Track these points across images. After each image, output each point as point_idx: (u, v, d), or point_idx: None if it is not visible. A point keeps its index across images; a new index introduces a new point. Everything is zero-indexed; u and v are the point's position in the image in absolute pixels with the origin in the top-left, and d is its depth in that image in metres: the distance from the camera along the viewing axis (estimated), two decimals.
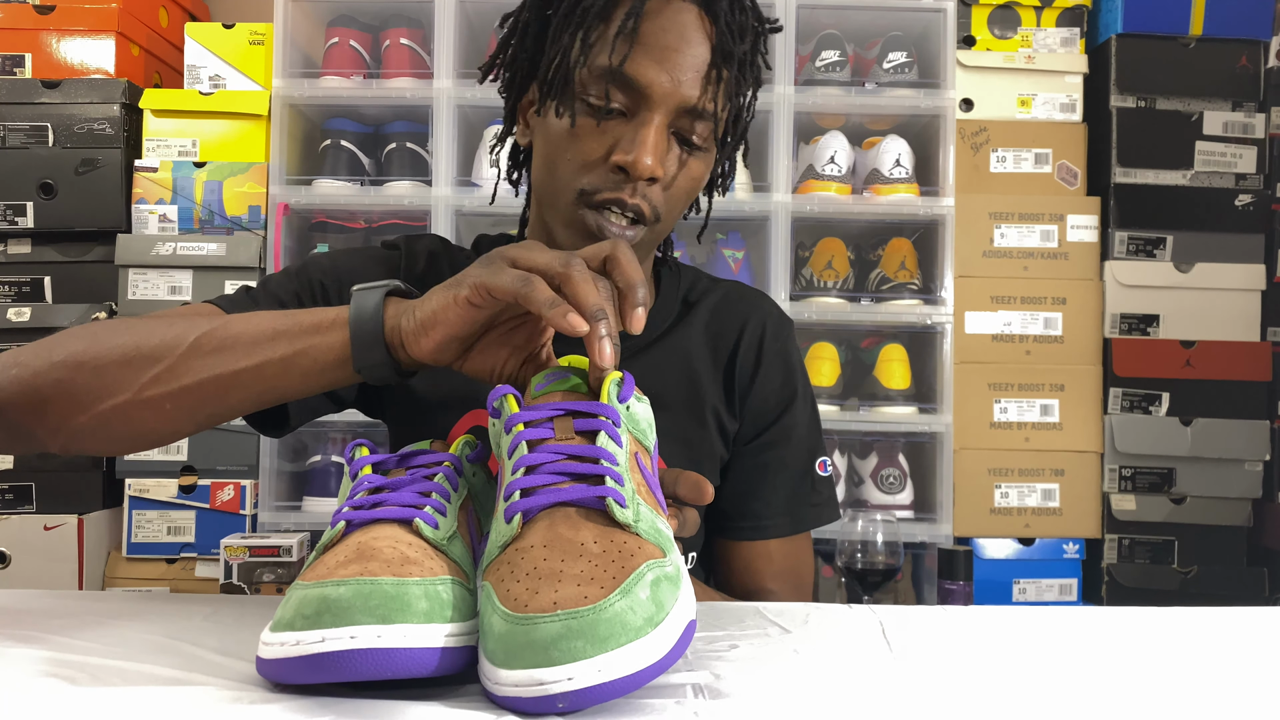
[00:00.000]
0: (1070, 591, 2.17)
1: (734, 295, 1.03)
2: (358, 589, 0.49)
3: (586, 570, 0.50)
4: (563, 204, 0.86)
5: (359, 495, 0.60)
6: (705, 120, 0.85)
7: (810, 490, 1.01)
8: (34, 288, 2.13)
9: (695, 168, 0.87)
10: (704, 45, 0.83)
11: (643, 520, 0.54)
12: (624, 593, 0.48)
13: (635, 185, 0.83)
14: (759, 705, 0.51)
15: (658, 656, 0.48)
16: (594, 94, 0.83)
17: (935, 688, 0.55)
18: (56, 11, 2.16)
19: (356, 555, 0.53)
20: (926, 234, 2.19)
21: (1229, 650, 0.66)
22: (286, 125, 2.11)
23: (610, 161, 0.83)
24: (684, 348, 0.98)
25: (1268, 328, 2.20)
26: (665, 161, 0.84)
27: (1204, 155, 2.19)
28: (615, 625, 0.47)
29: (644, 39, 0.81)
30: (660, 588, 0.50)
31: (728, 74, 0.84)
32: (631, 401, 0.61)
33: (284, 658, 0.49)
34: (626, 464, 0.57)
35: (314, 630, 0.48)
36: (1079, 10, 2.24)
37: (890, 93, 2.13)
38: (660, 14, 0.82)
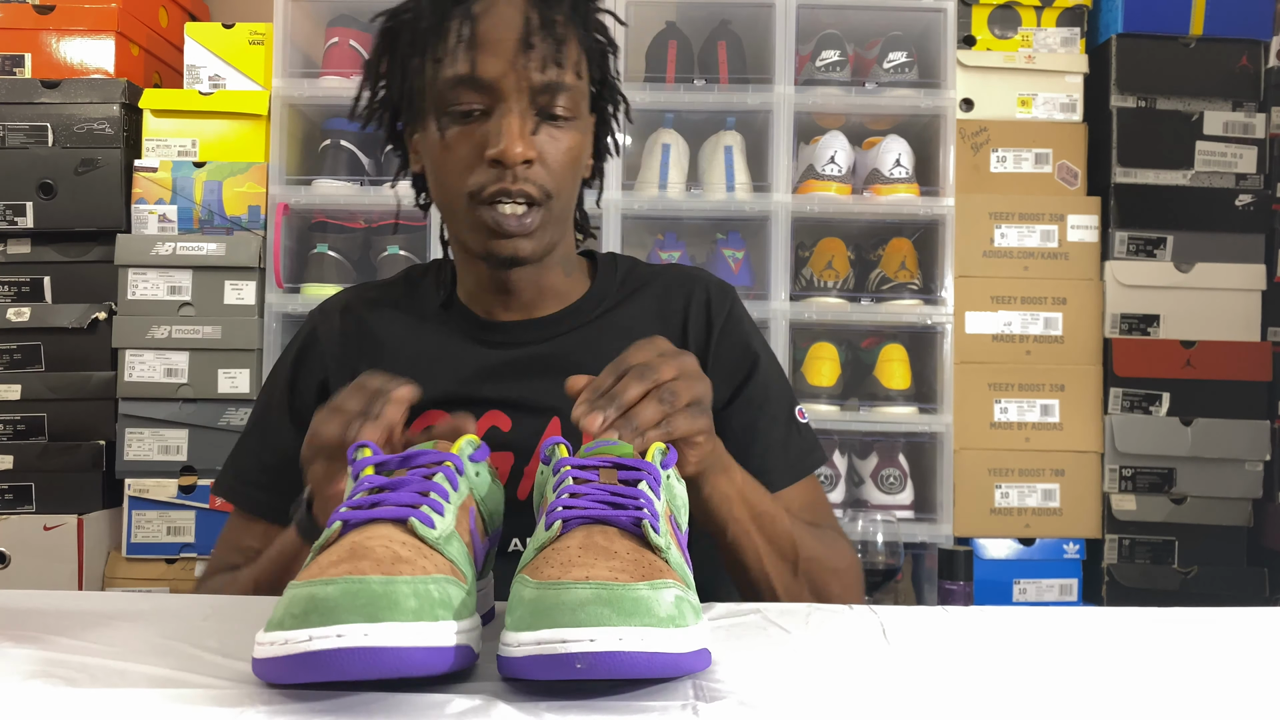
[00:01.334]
0: (1070, 591, 2.17)
1: (675, 275, 1.08)
2: (345, 588, 0.49)
3: (618, 565, 0.53)
4: (459, 210, 0.92)
5: (358, 495, 0.60)
6: (558, 92, 0.90)
7: (797, 437, 1.04)
8: (34, 288, 2.13)
9: (567, 138, 0.92)
10: (536, 24, 0.90)
11: (673, 552, 0.58)
12: (652, 587, 0.51)
13: (514, 172, 0.89)
14: (759, 705, 0.51)
15: (677, 649, 0.50)
16: (455, 103, 0.90)
17: (935, 688, 0.55)
18: (56, 11, 2.16)
19: (349, 554, 0.53)
20: (926, 234, 2.19)
21: (1229, 650, 0.66)
22: (286, 125, 2.11)
23: (485, 158, 0.89)
24: (626, 325, 1.02)
25: (1268, 328, 2.20)
26: (535, 142, 0.90)
27: (1204, 155, 2.19)
28: (641, 606, 0.50)
29: (479, 40, 0.89)
30: (683, 605, 0.53)
31: (564, 46, 0.90)
32: (672, 473, 0.66)
33: (275, 657, 0.49)
34: (663, 513, 0.61)
35: (302, 629, 0.48)
36: (1079, 10, 2.24)
37: (890, 93, 2.12)
38: (487, 14, 0.90)
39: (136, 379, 2.07)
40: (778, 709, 0.50)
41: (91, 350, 2.09)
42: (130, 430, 2.07)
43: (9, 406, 2.08)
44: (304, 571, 0.53)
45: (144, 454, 2.07)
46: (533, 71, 0.88)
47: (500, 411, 0.96)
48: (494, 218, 0.90)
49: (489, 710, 0.48)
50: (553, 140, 0.91)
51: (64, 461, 2.06)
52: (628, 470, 0.63)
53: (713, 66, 2.15)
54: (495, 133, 0.88)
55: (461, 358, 0.99)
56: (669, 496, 0.65)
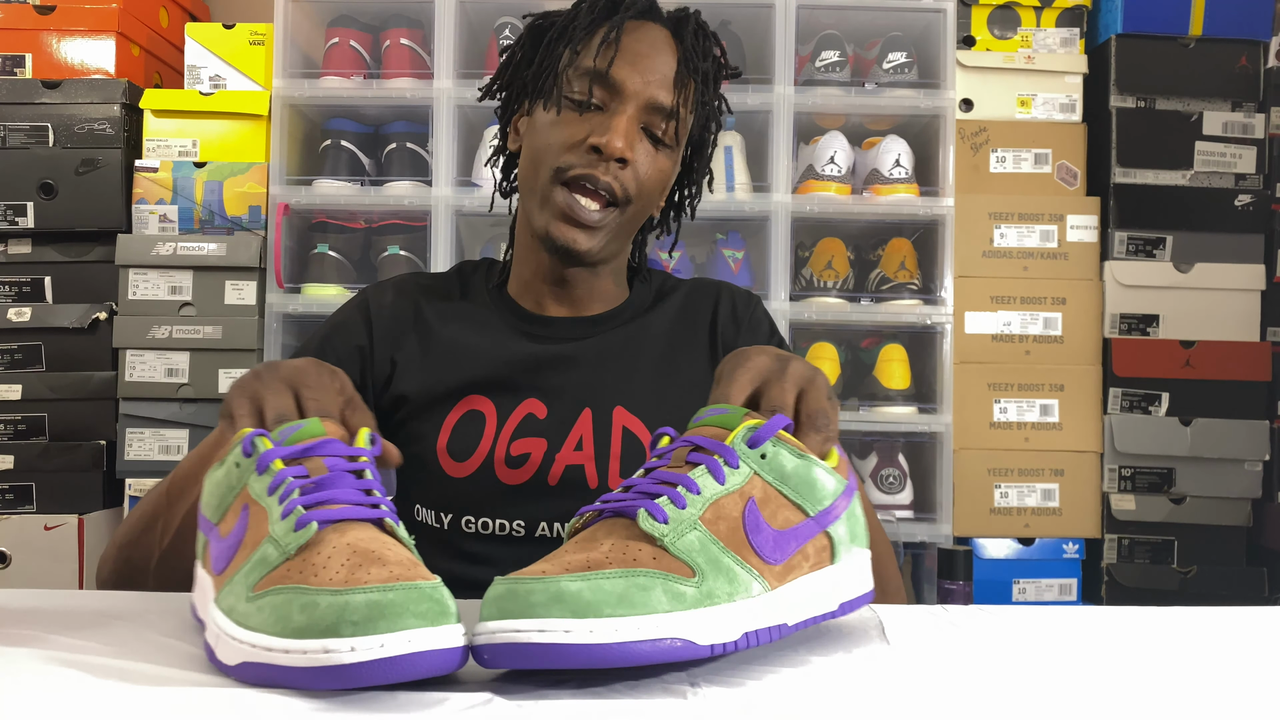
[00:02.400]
0: (1070, 591, 2.17)
1: (703, 284, 1.14)
2: (406, 593, 0.50)
3: (593, 558, 0.54)
4: (540, 184, 0.98)
5: (295, 495, 0.58)
6: (670, 119, 0.98)
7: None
8: (34, 288, 2.13)
9: (662, 161, 1.00)
10: (671, 56, 0.99)
11: (685, 542, 0.57)
12: (585, 579, 0.52)
13: (608, 164, 0.95)
14: (759, 705, 0.51)
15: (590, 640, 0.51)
16: (578, 91, 0.97)
17: (935, 688, 0.55)
18: (57, 12, 2.16)
19: (361, 558, 0.53)
20: (926, 234, 2.19)
21: (1229, 650, 0.66)
22: (287, 125, 2.11)
23: (587, 143, 0.95)
24: (657, 327, 1.07)
25: (1267, 328, 2.20)
26: (635, 148, 0.96)
27: (1204, 155, 2.19)
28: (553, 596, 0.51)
29: (622, 47, 0.97)
30: (651, 595, 0.53)
31: (691, 83, 0.99)
32: (780, 450, 0.62)
33: (317, 666, 0.49)
34: (724, 499, 0.59)
35: (371, 636, 0.49)
36: (1079, 10, 2.24)
37: (890, 93, 2.13)
38: (636, 30, 0.99)
39: (137, 379, 2.07)
40: (777, 708, 0.50)
41: (92, 350, 2.09)
42: (131, 430, 2.07)
43: (10, 406, 2.08)
44: (304, 577, 0.53)
45: (144, 454, 2.07)
46: (655, 89, 0.97)
47: (537, 400, 1.00)
48: (568, 202, 0.96)
49: (489, 705, 0.49)
50: (649, 155, 0.98)
51: (65, 461, 2.06)
52: (699, 452, 0.62)
53: None
54: (604, 125, 0.95)
55: (505, 345, 1.03)
56: (768, 471, 0.61)
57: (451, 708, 0.49)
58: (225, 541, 0.59)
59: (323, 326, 1.08)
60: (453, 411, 1.00)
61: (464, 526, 0.97)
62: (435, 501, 0.99)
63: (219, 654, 0.54)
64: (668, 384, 1.03)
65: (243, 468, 0.61)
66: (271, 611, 0.52)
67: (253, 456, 0.61)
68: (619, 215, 0.98)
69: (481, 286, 1.09)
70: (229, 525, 0.60)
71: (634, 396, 1.00)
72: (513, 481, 0.97)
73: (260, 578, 0.54)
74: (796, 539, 0.61)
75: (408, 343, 1.04)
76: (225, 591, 0.56)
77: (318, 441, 0.63)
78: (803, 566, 0.61)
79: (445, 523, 0.98)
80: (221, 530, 0.60)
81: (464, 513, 0.98)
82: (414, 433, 1.01)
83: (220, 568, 0.59)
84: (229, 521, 0.60)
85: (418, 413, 1.01)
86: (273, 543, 0.56)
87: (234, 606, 0.55)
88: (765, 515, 0.60)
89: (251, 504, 0.59)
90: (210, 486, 0.63)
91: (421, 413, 1.01)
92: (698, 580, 0.55)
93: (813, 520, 0.62)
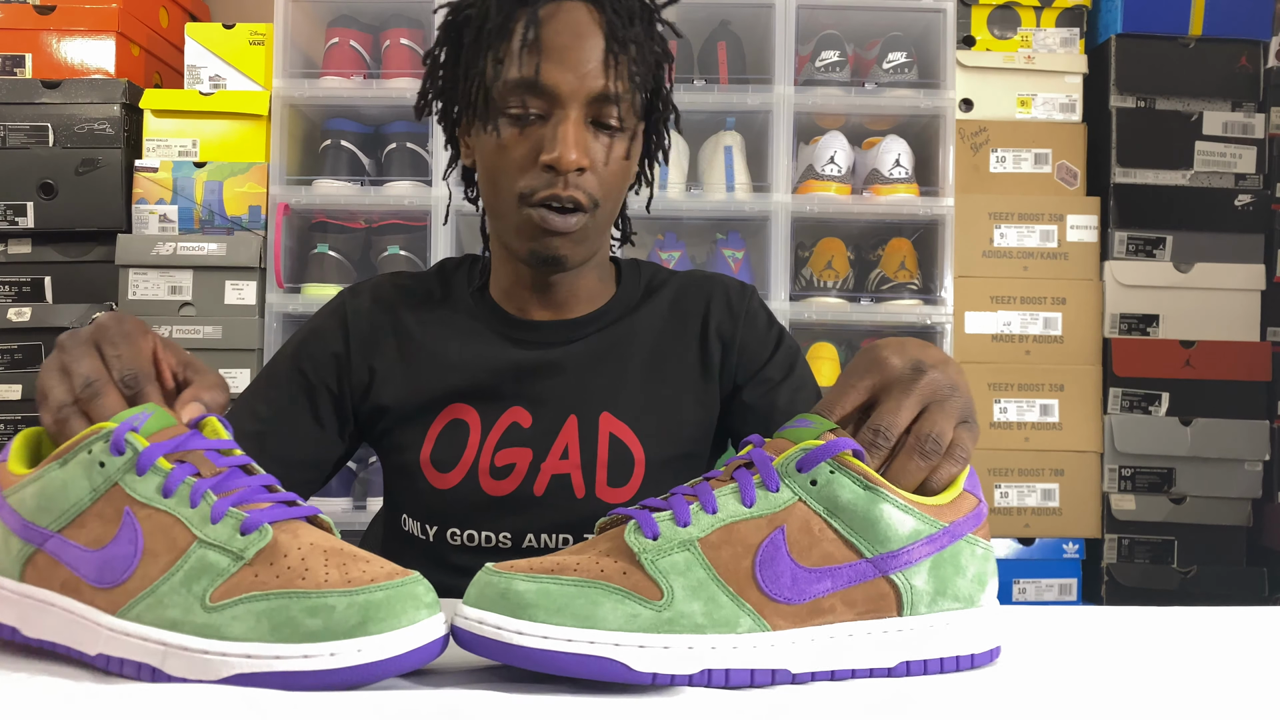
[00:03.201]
0: (1070, 591, 2.17)
1: (694, 278, 1.10)
2: (410, 587, 0.52)
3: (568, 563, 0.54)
4: (507, 211, 0.93)
5: (212, 496, 0.55)
6: (615, 103, 0.91)
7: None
8: (34, 288, 2.13)
9: (619, 148, 0.94)
10: (597, 37, 0.91)
11: (667, 562, 0.54)
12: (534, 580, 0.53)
13: (566, 179, 0.90)
14: (759, 704, 0.51)
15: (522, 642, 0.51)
16: (513, 106, 0.91)
17: (935, 687, 0.55)
18: (57, 12, 2.16)
19: (342, 558, 0.53)
20: (926, 234, 2.19)
21: (1229, 650, 0.66)
22: (287, 125, 2.11)
23: (539, 162, 0.90)
24: (645, 327, 1.03)
25: (1267, 328, 2.20)
26: (589, 150, 0.91)
27: (1204, 155, 2.19)
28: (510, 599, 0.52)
29: (544, 45, 0.89)
30: (599, 609, 0.52)
31: (624, 57, 0.91)
32: (837, 480, 0.55)
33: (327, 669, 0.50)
34: (743, 524, 0.55)
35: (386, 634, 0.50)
36: (1079, 10, 2.25)
37: (890, 93, 2.13)
38: (554, 19, 0.90)
39: None
40: (777, 708, 0.50)
41: None
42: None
43: (9, 406, 2.08)
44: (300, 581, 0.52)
45: None
46: (593, 80, 0.89)
47: (522, 408, 0.97)
48: (541, 218, 0.91)
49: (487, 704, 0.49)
50: (605, 148, 0.92)
51: None
52: (743, 468, 0.57)
53: (713, 67, 2.15)
54: (551, 139, 0.89)
55: (488, 353, 1.00)
56: (824, 501, 0.55)
57: (451, 700, 0.49)
58: (100, 553, 0.54)
59: (297, 332, 1.05)
60: (436, 421, 0.97)
61: (450, 539, 0.96)
62: (421, 513, 0.97)
63: (176, 670, 0.51)
64: (655, 388, 1.00)
65: (110, 467, 0.55)
66: (259, 619, 0.51)
67: (126, 455, 0.55)
68: (591, 219, 0.93)
69: (464, 288, 1.06)
70: (96, 534, 0.55)
71: (620, 402, 0.97)
72: (498, 493, 0.95)
73: (214, 587, 0.52)
74: (833, 580, 0.55)
75: (387, 350, 1.01)
76: (144, 606, 0.53)
77: (183, 436, 0.58)
78: (838, 611, 0.55)
79: (431, 534, 0.97)
80: (81, 539, 0.55)
81: (449, 524, 0.96)
82: (397, 443, 0.99)
83: (110, 580, 0.54)
84: (93, 529, 0.55)
85: (400, 422, 0.99)
86: (213, 549, 0.53)
87: (181, 620, 0.52)
88: (794, 548, 0.55)
89: (138, 508, 0.54)
90: (44, 489, 0.56)
91: (404, 422, 0.99)
92: (663, 604, 0.53)
93: (867, 562, 0.55)
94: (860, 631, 0.55)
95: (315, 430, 1.00)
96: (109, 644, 0.53)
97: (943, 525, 0.56)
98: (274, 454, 0.96)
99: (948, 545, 0.56)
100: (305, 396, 1.00)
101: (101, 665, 0.53)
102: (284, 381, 1.01)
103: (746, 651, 0.53)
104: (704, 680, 0.53)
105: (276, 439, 0.98)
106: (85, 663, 0.55)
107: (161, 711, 0.47)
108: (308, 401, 1.00)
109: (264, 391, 1.02)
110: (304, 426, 0.99)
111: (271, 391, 1.01)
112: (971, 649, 0.58)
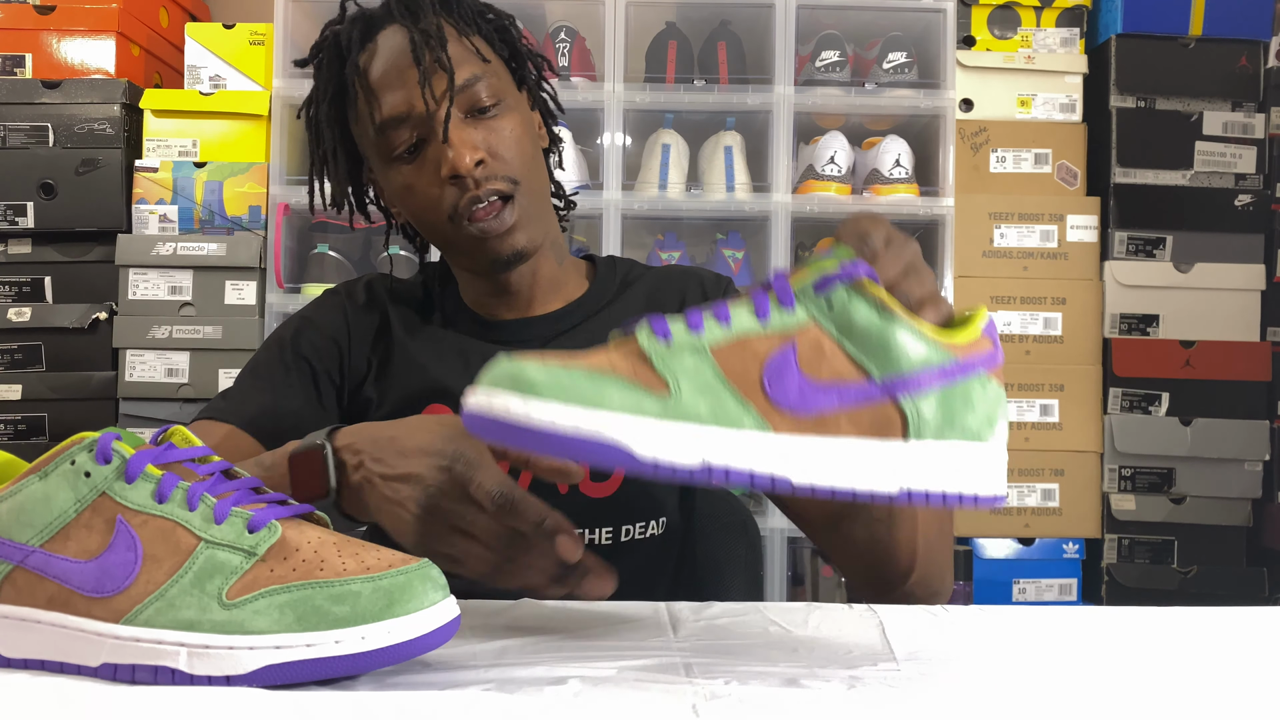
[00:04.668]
0: (1070, 591, 2.17)
1: (671, 272, 1.10)
2: (424, 570, 0.53)
3: (571, 360, 0.53)
4: (448, 236, 0.95)
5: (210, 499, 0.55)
6: (471, 86, 0.92)
7: None
8: (34, 288, 2.13)
9: (507, 124, 0.94)
10: (406, 50, 0.91)
11: (676, 362, 0.53)
12: (544, 368, 0.52)
13: (473, 179, 0.90)
14: (759, 703, 0.51)
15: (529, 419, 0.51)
16: (395, 145, 0.92)
17: (935, 687, 0.55)
18: (57, 12, 2.16)
19: (354, 547, 0.54)
20: (926, 234, 2.19)
21: (1229, 650, 0.66)
22: (287, 125, 2.12)
23: (443, 179, 0.91)
24: (622, 318, 1.03)
25: (1267, 328, 2.20)
26: (478, 142, 0.91)
27: (1204, 155, 2.19)
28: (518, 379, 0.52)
29: (378, 79, 0.92)
30: (604, 393, 0.51)
31: (441, 47, 0.91)
32: (853, 303, 0.55)
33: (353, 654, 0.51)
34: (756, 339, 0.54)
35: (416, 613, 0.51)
36: (1079, 10, 2.25)
37: (890, 93, 2.13)
38: (378, 52, 0.93)
39: (137, 379, 2.07)
40: (777, 708, 0.50)
41: (92, 350, 2.10)
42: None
43: (10, 406, 2.08)
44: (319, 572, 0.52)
45: None
46: (436, 83, 0.90)
47: None
48: (480, 228, 0.92)
49: (488, 704, 0.49)
50: (494, 131, 0.92)
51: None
52: (761, 289, 0.57)
53: (713, 67, 2.15)
54: (438, 155, 0.91)
55: (467, 355, 1.00)
56: (837, 323, 0.54)
57: (452, 705, 0.49)
58: (94, 563, 0.53)
59: (294, 320, 1.05)
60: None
61: None
62: None
63: (201, 669, 0.51)
64: None
65: (96, 476, 0.54)
66: (284, 611, 0.51)
67: (114, 463, 0.55)
68: (523, 197, 0.94)
69: (440, 293, 1.07)
70: (86, 545, 0.53)
71: None
72: None
73: (229, 584, 0.52)
74: (841, 397, 0.54)
75: (378, 347, 1.03)
76: (154, 610, 0.52)
77: (161, 448, 0.57)
78: (842, 427, 0.53)
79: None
80: (69, 552, 0.53)
81: None
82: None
83: (110, 589, 0.52)
84: (82, 540, 0.53)
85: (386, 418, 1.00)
86: (222, 548, 0.53)
87: (198, 619, 0.51)
88: (804, 363, 0.54)
89: (131, 515, 0.53)
90: (22, 503, 0.54)
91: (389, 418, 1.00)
92: (670, 397, 0.52)
93: (875, 384, 0.54)
94: (863, 449, 0.54)
95: (319, 412, 1.01)
96: (116, 652, 0.52)
97: (955, 358, 0.55)
98: (283, 432, 0.96)
99: (959, 379, 0.56)
100: (311, 382, 1.01)
101: (107, 676, 0.52)
102: (290, 367, 1.02)
103: (748, 449, 0.52)
104: (705, 475, 0.52)
105: (286, 417, 0.98)
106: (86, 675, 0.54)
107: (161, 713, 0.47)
108: (313, 387, 1.01)
109: (266, 378, 1.02)
110: (310, 409, 1.00)
111: (278, 373, 1.01)
112: (975, 488, 0.56)
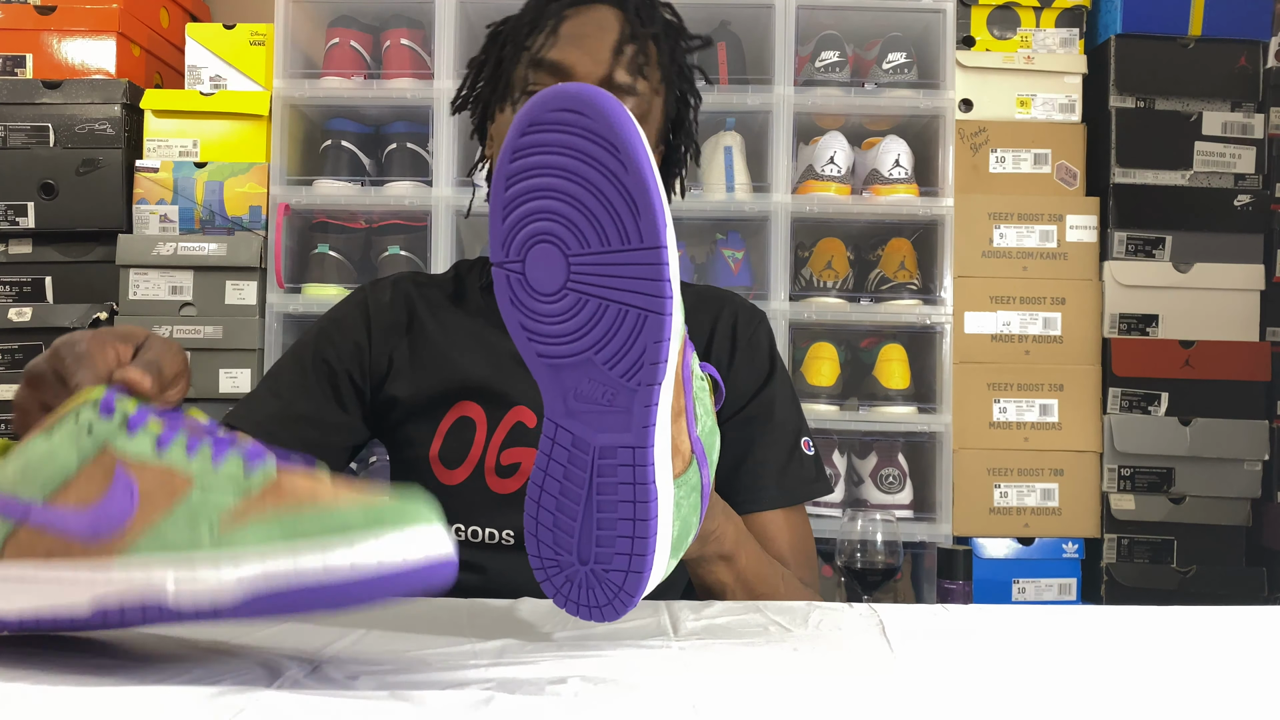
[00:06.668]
0: (1069, 591, 2.17)
1: (705, 295, 1.10)
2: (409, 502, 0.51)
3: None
4: None
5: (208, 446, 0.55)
6: (628, 95, 0.96)
7: (798, 465, 1.03)
8: (35, 288, 2.13)
9: None
10: (615, 30, 0.96)
11: None
12: None
13: None
14: (759, 703, 0.51)
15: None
16: (532, 82, 0.96)
17: (935, 687, 0.55)
18: (57, 12, 2.16)
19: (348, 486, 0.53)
20: (926, 234, 2.19)
21: (1229, 650, 0.66)
22: (287, 125, 2.12)
23: None
24: None
25: (1267, 328, 2.20)
26: None
27: (1203, 155, 2.20)
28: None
29: (565, 32, 0.96)
30: None
31: (635, 49, 0.96)
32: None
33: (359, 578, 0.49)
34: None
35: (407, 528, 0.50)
36: (1078, 11, 2.25)
37: (890, 93, 2.13)
38: (578, 15, 0.97)
39: None
40: (777, 707, 0.51)
41: None
42: None
43: (10, 406, 2.08)
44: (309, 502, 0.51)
45: None
46: (604, 66, 0.94)
47: (526, 408, 0.98)
48: None
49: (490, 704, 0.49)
50: None
51: None
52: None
53: (712, 67, 2.15)
54: None
55: (494, 353, 1.01)
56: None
57: (452, 705, 0.49)
58: (92, 510, 0.53)
59: (318, 322, 1.07)
60: (445, 418, 0.99)
61: (454, 534, 0.96)
62: None
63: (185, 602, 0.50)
64: None
65: (99, 430, 0.55)
66: (270, 527, 0.50)
67: (116, 417, 0.55)
68: None
69: (475, 289, 1.08)
70: (84, 494, 0.54)
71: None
72: (503, 490, 0.96)
73: (220, 520, 0.51)
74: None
75: (403, 344, 1.04)
76: (144, 542, 0.51)
77: (168, 415, 0.57)
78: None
79: None
80: (70, 501, 0.54)
81: (454, 520, 0.97)
82: (408, 437, 1.01)
83: (106, 532, 0.52)
84: (82, 490, 0.54)
85: (411, 418, 1.01)
86: (216, 490, 0.52)
87: (189, 550, 0.51)
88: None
89: (130, 464, 0.54)
90: (28, 461, 0.55)
91: (414, 418, 1.01)
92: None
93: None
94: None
95: (339, 414, 1.02)
96: (105, 590, 0.51)
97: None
98: (299, 435, 0.97)
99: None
100: (329, 382, 1.02)
101: (99, 623, 0.52)
102: (309, 368, 1.03)
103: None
104: None
105: (301, 421, 1.00)
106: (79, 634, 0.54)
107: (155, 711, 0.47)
108: (330, 387, 1.02)
109: (286, 378, 1.03)
110: (328, 410, 1.02)
111: (295, 377, 1.03)
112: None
